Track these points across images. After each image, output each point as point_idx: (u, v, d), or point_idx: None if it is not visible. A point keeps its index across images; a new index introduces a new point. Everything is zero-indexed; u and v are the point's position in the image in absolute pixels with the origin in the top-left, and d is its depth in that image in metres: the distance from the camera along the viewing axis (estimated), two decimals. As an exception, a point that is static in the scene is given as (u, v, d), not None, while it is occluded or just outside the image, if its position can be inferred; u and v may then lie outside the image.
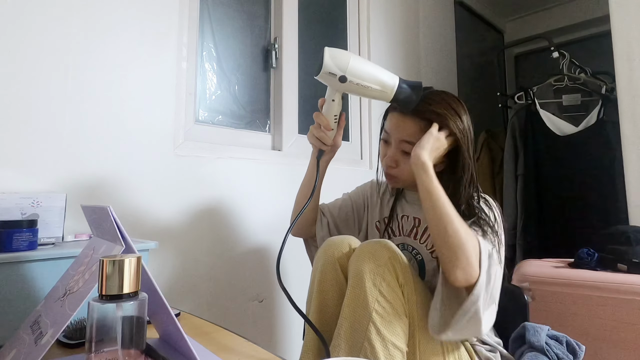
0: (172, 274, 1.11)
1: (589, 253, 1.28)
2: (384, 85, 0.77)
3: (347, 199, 1.06)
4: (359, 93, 0.79)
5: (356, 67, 0.76)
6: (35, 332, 0.51)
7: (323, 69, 0.75)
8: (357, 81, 0.76)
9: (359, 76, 0.76)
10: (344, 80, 0.76)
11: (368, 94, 0.78)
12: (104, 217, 0.54)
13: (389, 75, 0.78)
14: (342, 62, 0.75)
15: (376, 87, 0.77)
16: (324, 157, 0.92)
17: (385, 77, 0.77)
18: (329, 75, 0.76)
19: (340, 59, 0.76)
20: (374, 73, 0.77)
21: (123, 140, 1.04)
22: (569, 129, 1.89)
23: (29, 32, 0.91)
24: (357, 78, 0.76)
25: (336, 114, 0.84)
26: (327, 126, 0.84)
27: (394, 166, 0.88)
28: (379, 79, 0.77)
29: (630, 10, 1.49)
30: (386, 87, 0.77)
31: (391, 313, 0.70)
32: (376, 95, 0.78)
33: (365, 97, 0.80)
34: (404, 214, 0.95)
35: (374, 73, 0.77)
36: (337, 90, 0.80)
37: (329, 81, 0.78)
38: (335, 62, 0.75)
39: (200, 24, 1.30)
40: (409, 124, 0.84)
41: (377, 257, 0.73)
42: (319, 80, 0.78)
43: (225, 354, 0.62)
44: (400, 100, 0.78)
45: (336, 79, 0.76)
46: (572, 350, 0.83)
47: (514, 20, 3.07)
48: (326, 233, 1.01)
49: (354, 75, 0.75)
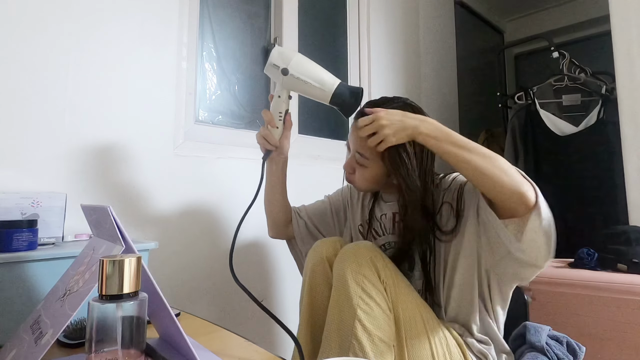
0: (172, 274, 1.10)
1: (589, 253, 1.28)
2: (323, 83, 0.82)
3: (326, 200, 1.10)
4: (300, 89, 0.84)
5: (299, 62, 0.82)
6: (35, 332, 0.51)
7: (269, 61, 0.82)
8: (298, 75, 0.82)
9: (299, 71, 0.82)
10: (285, 73, 0.82)
11: (309, 91, 0.83)
12: (104, 217, 0.54)
13: (330, 77, 0.83)
14: (287, 57, 0.82)
15: (316, 84, 0.82)
16: (274, 159, 0.97)
17: (325, 77, 0.82)
18: (273, 67, 0.82)
19: (286, 55, 0.83)
20: (315, 71, 0.82)
21: (123, 140, 1.04)
22: (569, 129, 1.89)
23: (29, 32, 0.91)
24: (297, 72, 0.82)
25: (281, 111, 0.88)
26: (271, 122, 0.89)
27: (351, 172, 0.93)
28: (319, 77, 0.82)
29: (630, 10, 1.49)
30: (325, 85, 0.82)
31: (375, 309, 0.72)
32: (316, 94, 0.83)
33: (307, 95, 0.84)
34: (383, 213, 0.96)
35: (316, 71, 0.82)
36: (282, 86, 0.85)
37: (273, 73, 0.84)
38: (282, 56, 0.83)
39: (200, 24, 1.30)
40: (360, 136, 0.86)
41: (358, 257, 0.76)
42: (266, 73, 0.85)
43: (225, 354, 0.62)
44: (338, 102, 0.83)
45: (279, 71, 0.82)
46: (573, 351, 0.83)
47: (514, 20, 3.08)
48: (305, 234, 1.05)
49: (295, 70, 0.82)
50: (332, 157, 1.60)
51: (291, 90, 0.86)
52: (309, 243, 1.03)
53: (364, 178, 0.89)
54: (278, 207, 1.03)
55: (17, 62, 0.89)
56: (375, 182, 0.90)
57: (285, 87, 0.85)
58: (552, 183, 1.90)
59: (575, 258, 1.31)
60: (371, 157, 0.86)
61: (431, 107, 2.11)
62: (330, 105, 0.84)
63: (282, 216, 1.04)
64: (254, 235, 1.30)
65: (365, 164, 0.88)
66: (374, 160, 0.86)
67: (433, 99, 2.15)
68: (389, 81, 1.90)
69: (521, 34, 2.88)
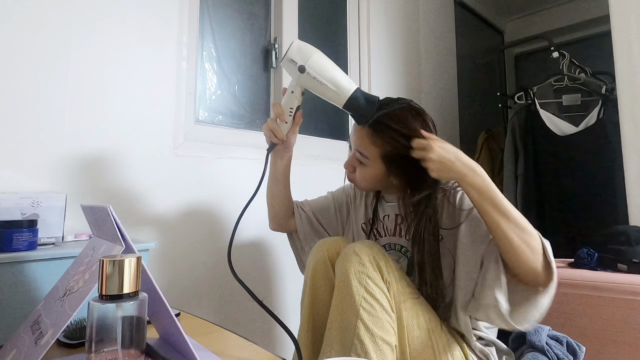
0: (172, 274, 1.11)
1: (589, 253, 1.28)
2: (339, 87, 0.79)
3: (330, 197, 1.09)
4: (315, 89, 0.81)
5: (317, 61, 0.79)
6: (35, 332, 0.51)
7: (287, 55, 0.79)
8: (314, 75, 0.79)
9: (317, 71, 0.79)
10: (302, 71, 0.79)
11: (323, 93, 0.80)
12: (104, 217, 0.54)
13: (348, 81, 0.80)
14: (306, 54, 0.79)
15: (331, 86, 0.79)
16: (279, 153, 0.95)
17: (342, 81, 0.79)
18: (290, 62, 0.80)
19: (305, 51, 0.80)
20: (333, 73, 0.79)
21: (123, 140, 1.04)
22: (569, 129, 1.89)
23: (29, 32, 0.91)
24: (314, 72, 0.78)
25: (292, 107, 0.87)
26: (281, 116, 0.87)
27: (352, 171, 0.92)
28: (336, 80, 0.79)
29: (630, 10, 1.49)
30: (341, 90, 0.79)
31: (378, 310, 0.72)
32: (331, 96, 0.80)
33: (321, 95, 0.82)
34: (385, 214, 0.96)
35: (333, 73, 0.79)
36: (297, 82, 0.83)
37: (290, 69, 0.81)
38: (300, 52, 0.79)
39: (200, 24, 1.30)
40: (361, 135, 0.87)
41: (361, 257, 0.75)
42: (282, 66, 0.82)
43: (225, 354, 0.62)
44: (352, 108, 0.80)
45: (296, 68, 0.79)
46: (573, 351, 0.83)
47: (514, 20, 3.07)
48: (308, 228, 1.04)
49: (312, 69, 0.78)
50: (332, 157, 1.60)
51: (306, 88, 0.84)
52: (311, 237, 1.04)
53: (364, 177, 0.90)
54: (280, 201, 1.02)
55: (17, 61, 0.89)
56: (376, 181, 0.90)
57: (300, 84, 0.83)
58: (552, 183, 1.90)
59: (575, 258, 1.31)
60: (371, 157, 0.86)
61: (431, 107, 2.11)
62: (344, 109, 0.82)
63: (283, 209, 1.04)
64: (255, 234, 1.30)
65: (366, 163, 0.88)
66: (374, 160, 0.86)
67: (433, 99, 2.15)
68: (389, 81, 1.90)
69: (521, 34, 2.88)
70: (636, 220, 1.43)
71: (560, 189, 1.87)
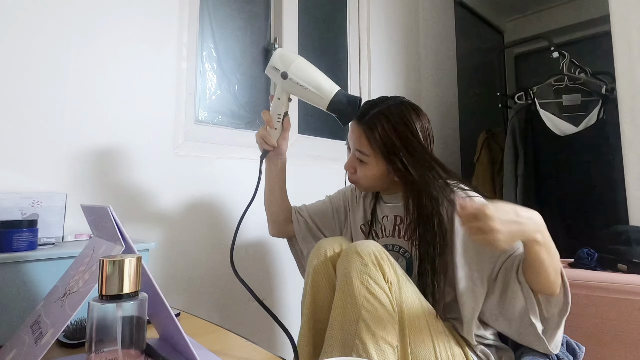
0: (172, 274, 1.11)
1: (589, 253, 1.28)
2: (321, 90, 0.82)
3: (327, 201, 1.10)
4: (299, 94, 0.84)
5: (299, 67, 0.83)
6: (35, 332, 0.51)
7: (270, 63, 0.83)
8: (297, 80, 0.82)
9: (299, 76, 0.82)
10: (285, 77, 0.83)
11: (307, 97, 0.84)
12: (104, 217, 0.54)
13: (329, 84, 0.83)
14: (288, 61, 0.83)
15: (314, 90, 0.82)
16: (272, 160, 0.98)
17: (324, 84, 0.83)
18: (273, 69, 0.84)
19: (287, 58, 0.84)
20: (314, 76, 0.83)
21: (123, 140, 1.04)
22: (569, 129, 1.88)
23: (29, 32, 0.91)
24: (296, 77, 0.82)
25: (280, 113, 0.89)
26: (269, 123, 0.90)
27: (353, 172, 0.93)
28: (317, 83, 0.82)
29: (630, 10, 1.49)
30: (323, 92, 0.82)
31: (380, 310, 0.72)
32: (314, 100, 0.83)
33: (306, 100, 0.85)
34: (384, 215, 0.96)
35: (315, 77, 0.83)
36: (282, 89, 0.86)
37: (274, 76, 0.85)
38: (282, 59, 0.83)
39: (200, 24, 1.30)
40: (359, 134, 0.88)
41: (363, 256, 0.75)
42: (266, 74, 0.86)
43: (225, 354, 0.62)
44: (335, 110, 0.83)
45: (279, 75, 0.83)
46: (572, 351, 0.83)
47: (514, 20, 3.07)
48: (306, 232, 1.05)
49: (294, 74, 0.82)
50: (332, 157, 1.60)
51: (290, 93, 0.87)
52: (310, 241, 1.04)
53: (366, 176, 0.90)
54: (277, 207, 1.03)
55: (17, 62, 0.89)
56: (378, 179, 0.90)
57: (284, 90, 0.86)
58: (552, 183, 1.90)
59: (575, 258, 1.31)
60: (372, 154, 0.87)
61: (431, 107, 2.11)
62: (328, 112, 0.84)
63: (281, 215, 1.04)
64: (256, 235, 1.30)
65: (367, 162, 0.88)
66: (375, 157, 0.87)
67: (433, 99, 2.15)
68: (389, 81, 1.90)
69: (521, 34, 2.88)
70: (636, 220, 1.42)
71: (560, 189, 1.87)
